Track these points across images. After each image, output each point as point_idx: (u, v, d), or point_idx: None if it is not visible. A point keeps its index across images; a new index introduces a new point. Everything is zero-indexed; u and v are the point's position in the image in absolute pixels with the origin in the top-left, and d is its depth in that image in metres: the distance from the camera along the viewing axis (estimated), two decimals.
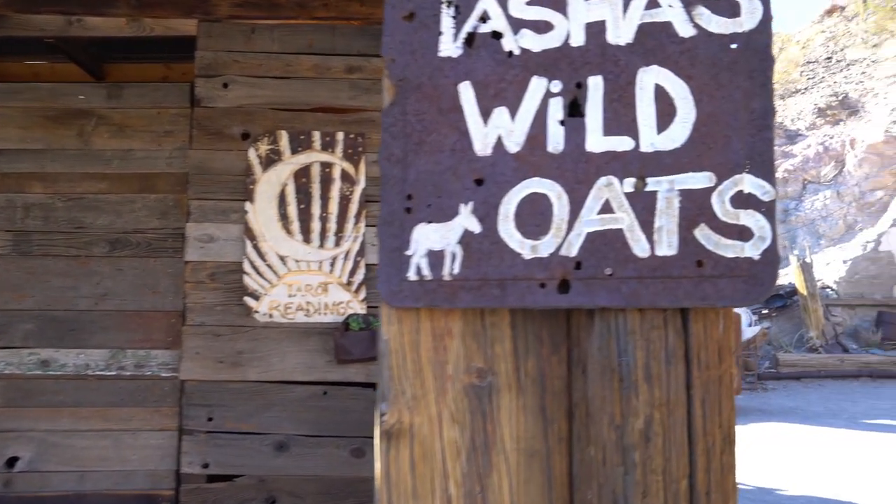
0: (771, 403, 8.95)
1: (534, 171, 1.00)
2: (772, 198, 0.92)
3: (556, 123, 1.01)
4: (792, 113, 16.25)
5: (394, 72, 1.06)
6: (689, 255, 0.93)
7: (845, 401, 9.08)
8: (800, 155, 14.48)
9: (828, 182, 13.88)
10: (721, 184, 0.93)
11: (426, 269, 1.02)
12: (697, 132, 0.95)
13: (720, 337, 0.95)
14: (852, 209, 13.39)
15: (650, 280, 0.94)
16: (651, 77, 0.98)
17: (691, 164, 0.95)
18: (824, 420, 7.96)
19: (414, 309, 1.03)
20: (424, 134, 1.05)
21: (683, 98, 0.96)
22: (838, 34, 20.80)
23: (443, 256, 1.02)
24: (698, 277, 0.93)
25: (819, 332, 11.22)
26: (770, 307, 12.24)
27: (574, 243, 0.97)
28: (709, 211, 0.93)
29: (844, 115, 15.18)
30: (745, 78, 0.95)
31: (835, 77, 17.73)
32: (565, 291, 0.97)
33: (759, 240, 0.91)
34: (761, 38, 0.96)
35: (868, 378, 10.23)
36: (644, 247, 0.95)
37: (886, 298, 11.97)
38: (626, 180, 0.97)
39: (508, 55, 1.03)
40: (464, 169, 1.03)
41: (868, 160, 13.42)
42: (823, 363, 10.49)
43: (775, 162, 0.93)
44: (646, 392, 0.95)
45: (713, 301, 0.92)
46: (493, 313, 1.03)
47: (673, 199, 0.94)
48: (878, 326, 11.50)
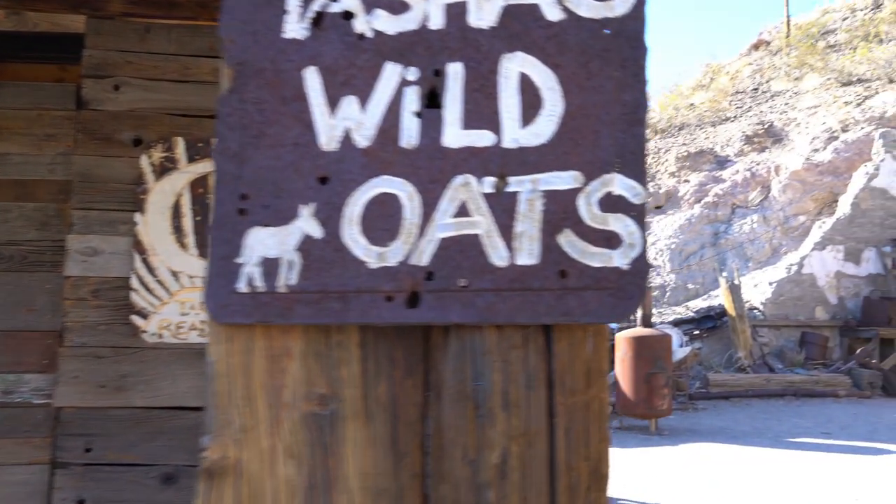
0: (701, 423, 9.05)
1: (384, 168, 0.88)
2: (643, 200, 0.81)
3: (411, 115, 0.89)
4: (722, 140, 16.80)
5: (232, 54, 0.93)
6: (551, 264, 0.82)
7: (771, 419, 9.28)
8: (729, 180, 14.95)
9: (755, 207, 14.35)
10: (589, 184, 0.83)
11: (259, 280, 0.87)
12: (565, 126, 0.85)
13: (589, 357, 0.84)
14: (777, 233, 13.86)
15: (508, 293, 0.82)
16: (516, 65, 0.87)
17: (557, 162, 0.84)
18: (751, 439, 8.08)
19: (246, 326, 0.89)
20: (264, 125, 0.91)
21: (550, 88, 0.86)
22: (764, 67, 21.72)
23: (278, 265, 0.88)
24: (561, 290, 0.81)
25: (747, 352, 11.49)
26: (701, 328, 12.49)
27: (426, 251, 0.85)
28: (574, 215, 0.82)
29: (769, 142, 15.79)
30: (618, 67, 0.85)
31: (761, 107, 18.46)
32: (415, 305, 0.85)
33: (628, 247, 0.81)
34: (635, 24, 0.86)
35: (792, 397, 10.50)
36: (502, 255, 0.83)
37: (809, 319, 12.38)
38: (485, 179, 0.85)
39: (360, 38, 0.91)
40: (307, 166, 0.89)
41: (791, 186, 13.94)
42: (751, 383, 10.72)
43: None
44: (503, 421, 0.83)
45: (577, 317, 0.81)
46: (340, 331, 0.90)
47: (536, 202, 0.83)
48: (801, 346, 11.86)
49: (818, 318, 12.46)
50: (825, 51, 20.12)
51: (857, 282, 12.69)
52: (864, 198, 12.76)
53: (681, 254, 14.39)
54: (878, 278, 12.72)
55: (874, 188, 12.78)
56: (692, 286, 13.97)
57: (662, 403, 8.21)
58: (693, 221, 14.61)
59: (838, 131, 14.66)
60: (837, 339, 12.34)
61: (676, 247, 14.45)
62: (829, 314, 12.52)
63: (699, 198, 14.98)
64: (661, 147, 17.42)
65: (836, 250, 12.62)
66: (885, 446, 7.59)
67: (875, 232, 12.73)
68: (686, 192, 15.23)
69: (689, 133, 18.46)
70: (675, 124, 19.72)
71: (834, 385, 10.71)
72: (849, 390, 10.66)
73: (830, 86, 17.26)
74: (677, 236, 14.54)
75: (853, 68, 17.63)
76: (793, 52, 21.03)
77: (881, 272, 12.75)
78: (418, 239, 0.85)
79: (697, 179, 15.34)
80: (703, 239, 14.47)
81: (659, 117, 20.73)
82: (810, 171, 13.87)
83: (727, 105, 19.67)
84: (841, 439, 8.04)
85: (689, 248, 14.41)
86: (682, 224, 14.66)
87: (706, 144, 16.83)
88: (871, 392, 10.79)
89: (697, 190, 15.10)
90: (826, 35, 21.75)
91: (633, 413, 8.39)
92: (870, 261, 12.75)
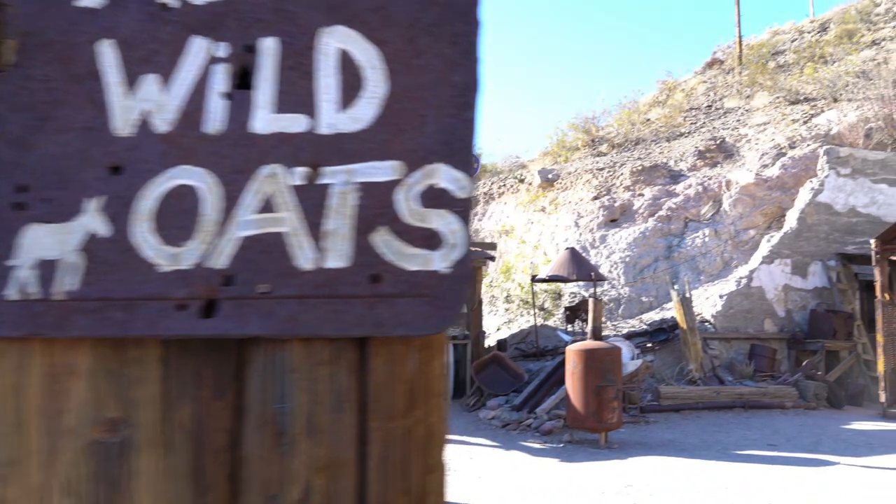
0: (651, 437, 9.05)
1: (184, 156, 0.76)
2: (468, 194, 0.71)
3: (219, 97, 0.77)
4: (676, 154, 17.05)
5: (16, 23, 0.80)
6: (363, 267, 0.71)
7: (720, 432, 9.33)
8: (682, 194, 15.16)
9: (707, 221, 14.57)
10: (410, 175, 0.73)
11: (34, 285, 0.75)
12: (388, 110, 0.74)
13: (412, 376, 0.73)
14: (728, 247, 14.07)
15: (315, 300, 0.71)
16: (336, 40, 0.77)
17: (377, 150, 0.74)
18: (699, 452, 8.10)
19: (18, 340, 0.76)
20: (52, 107, 0.79)
21: (373, 67, 0.75)
22: (718, 85, 22.22)
23: (57, 268, 0.75)
24: (373, 297, 0.71)
25: (698, 364, 11.58)
26: (654, 341, 12.56)
27: (225, 251, 0.73)
28: (391, 211, 0.72)
29: (721, 157, 16.08)
30: (448, 44, 0.75)
31: (714, 123, 18.84)
32: (211, 315, 0.73)
33: (450, 248, 0.70)
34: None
35: (741, 409, 10.59)
36: (310, 256, 0.72)
37: (758, 332, 12.56)
38: (295, 170, 0.74)
39: (163, 8, 0.79)
40: (97, 153, 0.77)
41: (741, 201, 14.19)
42: (701, 395, 10.79)
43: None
44: (307, 450, 0.71)
45: (388, 328, 0.70)
46: (138, 345, 0.77)
47: (349, 195, 0.73)
48: (750, 359, 12.01)
49: (767, 331, 12.66)
50: (775, 70, 20.67)
51: (804, 295, 12.94)
52: (810, 213, 13.05)
53: (635, 266, 14.50)
54: (824, 291, 13.00)
55: (819, 203, 13.08)
56: (646, 299, 14.08)
57: (612, 417, 8.17)
58: (647, 235, 14.76)
59: (786, 148, 15.01)
60: (785, 351, 12.54)
61: (631, 260, 14.57)
62: (778, 327, 12.73)
63: (653, 211, 15.15)
64: (617, 161, 17.61)
65: (783, 264, 12.86)
66: (828, 458, 7.68)
67: (821, 246, 13.02)
68: (640, 206, 15.39)
69: (644, 148, 18.71)
70: (631, 139, 19.99)
71: (781, 397, 10.85)
72: (795, 402, 10.81)
73: (779, 104, 17.71)
74: (631, 249, 14.67)
75: (800, 87, 18.13)
76: (744, 72, 21.56)
77: (826, 285, 13.02)
78: (217, 238, 0.73)
79: (651, 193, 15.52)
80: (656, 252, 14.61)
81: (616, 132, 20.99)
82: (759, 186, 14.15)
83: (682, 121, 20.03)
84: (786, 451, 8.12)
85: (644, 262, 14.54)
86: (637, 237, 14.80)
87: (660, 159, 17.06)
88: (816, 404, 10.96)
89: (651, 203, 15.27)
90: (776, 55, 22.36)
91: (582, 426, 8.35)
92: (816, 274, 13.02)
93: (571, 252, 12.50)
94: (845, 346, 12.24)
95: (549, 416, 9.60)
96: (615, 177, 16.63)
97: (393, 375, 0.73)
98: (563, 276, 12.20)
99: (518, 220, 18.18)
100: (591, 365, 8.20)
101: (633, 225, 15.14)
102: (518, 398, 10.47)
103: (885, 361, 10.60)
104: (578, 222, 15.88)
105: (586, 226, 15.67)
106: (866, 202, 13.34)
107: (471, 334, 12.57)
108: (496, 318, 16.06)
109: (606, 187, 16.46)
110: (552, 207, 17.19)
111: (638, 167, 16.43)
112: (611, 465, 7.49)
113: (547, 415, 9.65)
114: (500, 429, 9.62)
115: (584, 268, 12.25)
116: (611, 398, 8.12)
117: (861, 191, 13.32)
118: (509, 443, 8.75)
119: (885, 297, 10.80)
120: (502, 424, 9.73)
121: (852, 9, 22.60)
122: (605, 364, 8.21)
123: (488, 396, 11.02)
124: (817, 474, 6.97)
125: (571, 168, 18.32)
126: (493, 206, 20.17)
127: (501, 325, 15.56)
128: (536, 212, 17.66)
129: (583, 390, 8.18)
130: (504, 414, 10.05)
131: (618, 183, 16.42)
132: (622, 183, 16.32)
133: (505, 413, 10.07)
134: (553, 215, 16.95)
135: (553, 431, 9.15)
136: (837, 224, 13.13)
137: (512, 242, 17.82)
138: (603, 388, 8.07)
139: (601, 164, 17.66)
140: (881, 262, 10.77)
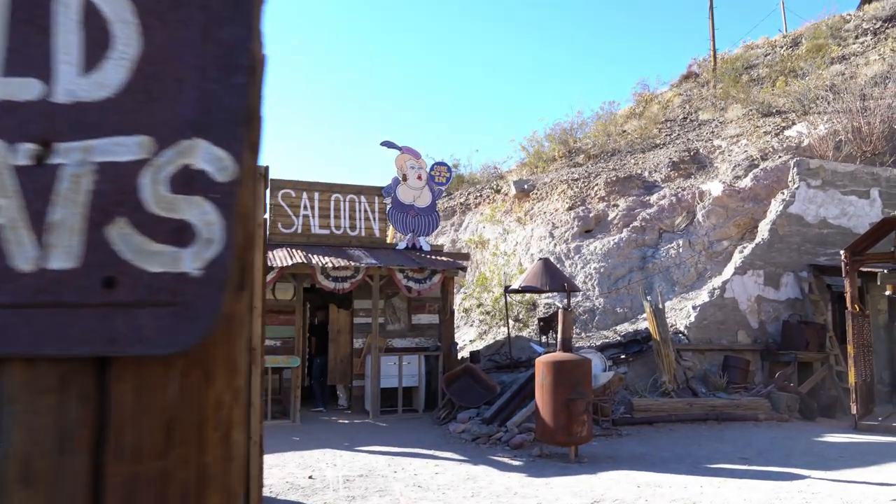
0: (622, 450, 8.93)
1: None
2: (231, 177, 0.57)
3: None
4: (650, 165, 17.08)
5: None
6: (95, 268, 0.56)
7: (692, 445, 9.23)
8: (656, 205, 15.15)
9: (681, 231, 14.56)
10: (160, 154, 0.58)
11: None
12: (140, 74, 0.60)
13: (171, 405, 0.58)
14: (702, 258, 14.06)
15: (34, 310, 0.56)
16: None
17: (123, 122, 0.59)
18: (671, 466, 7.98)
19: None
20: None
21: (125, 22, 0.61)
22: (693, 97, 22.37)
23: None
24: (107, 305, 0.56)
25: (671, 376, 11.50)
26: (628, 352, 12.46)
27: None
28: (134, 197, 0.57)
29: (695, 169, 16.13)
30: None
31: (688, 135, 18.93)
32: None
33: (204, 245, 0.56)
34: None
35: (714, 421, 10.51)
36: (30, 255, 0.57)
37: (732, 343, 12.52)
38: (21, 147, 0.59)
39: None
40: None
41: (715, 212, 14.21)
42: (674, 407, 10.69)
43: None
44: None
45: (123, 346, 0.55)
46: None
47: (83, 178, 0.58)
48: (724, 370, 11.95)
49: (740, 342, 12.62)
50: (748, 84, 20.85)
51: (777, 306, 12.95)
52: (782, 224, 13.08)
53: (609, 277, 14.44)
54: (797, 302, 13.01)
55: (791, 214, 13.12)
56: (620, 310, 14.01)
57: (582, 430, 8.04)
58: (622, 245, 14.72)
59: (758, 159, 15.08)
60: (759, 362, 12.51)
61: (605, 270, 14.50)
62: (751, 338, 12.71)
63: (627, 222, 15.12)
64: (592, 172, 17.61)
65: (756, 275, 12.86)
66: (799, 471, 7.59)
67: (792, 257, 13.05)
68: (615, 217, 15.36)
69: (619, 159, 18.75)
70: (607, 150, 20.03)
71: (754, 409, 10.79)
72: (768, 414, 10.76)
73: (752, 116, 17.84)
74: (606, 260, 14.61)
75: (772, 100, 18.29)
76: (719, 85, 21.74)
77: (799, 297, 13.04)
78: None
79: (626, 204, 15.50)
80: (631, 263, 14.57)
81: (592, 143, 21.03)
82: (732, 197, 14.18)
83: (657, 132, 20.11)
84: (758, 464, 8.02)
85: (618, 272, 14.48)
86: (611, 248, 14.75)
87: (635, 170, 17.08)
88: (789, 416, 10.91)
89: (626, 214, 15.25)
90: (749, 69, 22.58)
91: (552, 440, 8.20)
92: (788, 285, 13.04)
93: (545, 263, 12.40)
94: (818, 357, 12.24)
95: (519, 430, 9.44)
96: (590, 187, 16.62)
97: (142, 405, 0.58)
98: (536, 286, 12.09)
99: (493, 231, 18.10)
100: (560, 377, 8.06)
101: (607, 236, 15.10)
102: (489, 411, 10.31)
103: (857, 373, 10.58)
104: (553, 233, 15.82)
105: (561, 236, 15.61)
106: (837, 213, 13.41)
107: (442, 345, 12.40)
108: (471, 329, 15.91)
109: (581, 198, 16.43)
110: (527, 218, 17.13)
111: (613, 178, 16.44)
112: (579, 479, 7.35)
113: (517, 428, 9.49)
114: (469, 442, 9.44)
115: (557, 278, 12.15)
116: (581, 411, 7.98)
117: (831, 202, 13.40)
118: (478, 457, 8.58)
119: (856, 309, 10.81)
120: (472, 438, 9.56)
121: (823, 24, 22.94)
122: (574, 376, 8.08)
123: (459, 409, 10.85)
124: (788, 488, 6.87)
125: (547, 178, 18.30)
126: (469, 216, 20.08)
127: (476, 337, 15.41)
128: (511, 222, 17.59)
129: (552, 403, 8.04)
130: (474, 427, 9.88)
131: (592, 193, 16.40)
132: (597, 193, 16.30)
133: (475, 426, 9.90)
134: (528, 225, 16.88)
135: (523, 445, 8.99)
136: (809, 235, 13.18)
137: (487, 253, 17.72)
138: (573, 402, 7.94)
139: (576, 174, 17.66)
140: (851, 273, 10.78)
